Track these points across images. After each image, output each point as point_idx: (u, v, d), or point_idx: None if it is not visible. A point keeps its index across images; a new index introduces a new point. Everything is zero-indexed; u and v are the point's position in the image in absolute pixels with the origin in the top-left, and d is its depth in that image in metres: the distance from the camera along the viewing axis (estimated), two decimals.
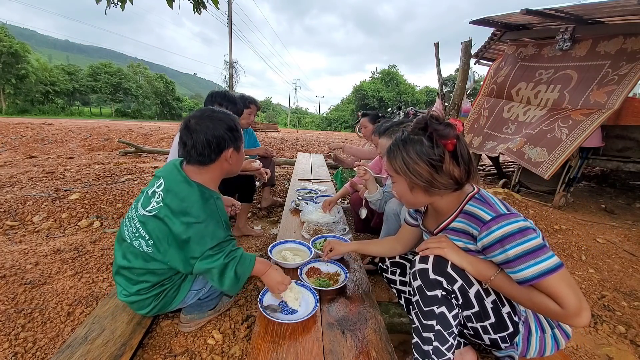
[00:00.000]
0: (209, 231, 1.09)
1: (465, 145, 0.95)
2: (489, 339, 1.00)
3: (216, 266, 1.09)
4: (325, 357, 0.94)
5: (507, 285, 0.90)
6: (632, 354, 1.40)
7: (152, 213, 1.12)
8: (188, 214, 1.08)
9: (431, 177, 0.92)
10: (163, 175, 1.19)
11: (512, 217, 0.87)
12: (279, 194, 3.54)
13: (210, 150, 1.16)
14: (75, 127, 9.44)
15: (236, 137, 1.22)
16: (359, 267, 1.51)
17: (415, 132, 0.96)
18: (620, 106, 2.91)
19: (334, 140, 10.46)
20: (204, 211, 1.10)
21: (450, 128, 0.91)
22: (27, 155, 5.48)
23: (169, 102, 45.90)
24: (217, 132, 1.16)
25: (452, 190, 0.97)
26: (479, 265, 0.94)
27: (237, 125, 1.24)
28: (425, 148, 0.92)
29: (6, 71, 29.72)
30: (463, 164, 0.93)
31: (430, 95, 37.15)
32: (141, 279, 1.17)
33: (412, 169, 0.93)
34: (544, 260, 0.81)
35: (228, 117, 1.23)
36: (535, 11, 3.13)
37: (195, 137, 1.14)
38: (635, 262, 2.26)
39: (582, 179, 4.94)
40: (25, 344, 1.27)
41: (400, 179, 1.00)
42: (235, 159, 1.24)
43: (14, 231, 2.26)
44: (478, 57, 5.17)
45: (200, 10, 3.42)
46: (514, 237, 0.83)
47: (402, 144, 0.97)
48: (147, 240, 1.13)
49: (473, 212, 0.93)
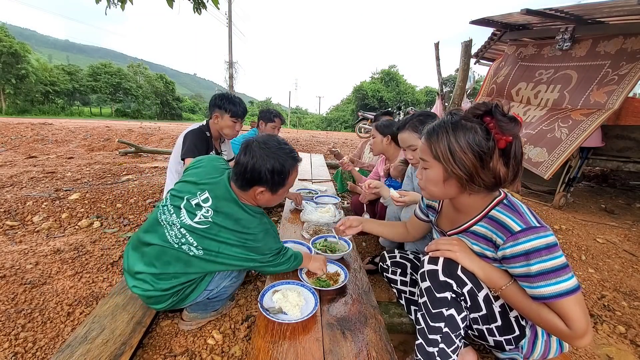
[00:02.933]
0: (268, 246, 1.20)
1: (521, 145, 0.87)
2: (493, 340, 0.99)
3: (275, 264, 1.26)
4: (325, 357, 0.94)
5: (518, 297, 0.87)
6: (632, 354, 1.40)
7: (203, 226, 1.16)
8: (246, 234, 1.17)
9: (475, 171, 0.85)
10: (209, 189, 1.20)
11: (541, 231, 0.82)
12: None
13: (244, 179, 1.18)
14: (75, 127, 9.44)
15: (275, 181, 1.19)
16: (359, 267, 1.51)
17: (469, 118, 0.87)
18: (620, 106, 2.90)
19: (334, 139, 10.45)
20: (260, 229, 1.19)
21: (515, 124, 0.83)
22: (27, 155, 5.48)
23: (169, 102, 45.87)
24: (260, 166, 1.15)
25: (488, 190, 0.90)
26: (491, 273, 0.90)
27: (284, 169, 1.19)
28: (479, 138, 0.83)
29: (6, 71, 29.71)
30: (514, 164, 0.86)
31: (430, 95, 37.12)
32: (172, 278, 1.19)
33: (458, 157, 0.85)
34: (564, 280, 0.79)
35: (281, 157, 1.18)
36: (535, 11, 3.13)
37: (244, 159, 1.17)
38: (635, 262, 2.26)
39: (582, 179, 4.94)
40: (25, 344, 1.27)
41: (436, 165, 0.90)
42: (267, 198, 1.24)
43: (14, 231, 2.26)
44: (478, 57, 5.17)
45: (200, 10, 3.42)
46: (540, 253, 0.80)
47: (451, 128, 0.86)
48: (196, 246, 1.17)
49: (500, 220, 0.87)
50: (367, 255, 2.20)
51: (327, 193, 2.63)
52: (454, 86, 4.24)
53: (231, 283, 1.34)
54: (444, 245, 0.96)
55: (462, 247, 0.95)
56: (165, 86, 45.31)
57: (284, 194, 1.29)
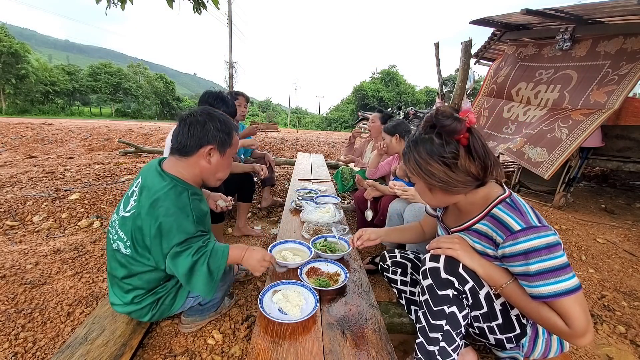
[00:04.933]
0: (177, 225, 1.03)
1: (480, 137, 0.89)
2: (494, 338, 0.99)
3: (185, 265, 1.02)
4: (325, 357, 0.94)
5: (518, 295, 0.87)
6: (632, 354, 1.40)
7: (130, 213, 1.11)
8: (157, 206, 1.04)
9: (447, 176, 0.88)
10: (141, 174, 1.18)
11: (542, 231, 0.82)
12: (279, 194, 3.54)
13: (191, 139, 1.12)
14: (75, 127, 9.44)
15: (224, 140, 1.17)
16: (359, 267, 1.51)
17: (425, 130, 0.92)
18: (620, 106, 2.90)
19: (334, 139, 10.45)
20: (173, 203, 1.05)
21: (458, 122, 0.85)
22: (27, 155, 5.48)
23: (169, 102, 45.90)
24: (205, 126, 1.13)
25: (473, 188, 0.92)
26: (492, 271, 0.91)
27: (231, 129, 1.19)
28: (436, 147, 0.87)
29: (6, 71, 29.74)
30: (478, 158, 0.87)
31: (430, 95, 37.14)
32: (131, 285, 1.15)
33: (425, 169, 0.90)
34: (564, 280, 0.79)
35: (226, 120, 1.20)
36: (535, 11, 3.12)
37: (184, 126, 1.14)
38: (635, 262, 2.26)
39: (582, 179, 4.94)
40: (25, 344, 1.27)
41: (417, 179, 0.96)
42: (217, 161, 1.17)
43: (14, 231, 2.26)
44: (478, 57, 5.17)
45: (201, 10, 3.42)
46: (539, 253, 0.80)
47: (413, 145, 0.93)
48: (125, 241, 1.11)
49: (501, 218, 0.88)
50: (367, 255, 2.20)
51: (327, 193, 2.63)
52: (454, 86, 4.24)
53: (219, 286, 1.32)
54: (445, 244, 0.97)
55: (463, 245, 0.95)
56: (165, 86, 45.34)
57: (230, 159, 1.24)
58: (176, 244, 1.03)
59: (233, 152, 1.24)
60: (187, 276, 1.04)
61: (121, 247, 1.12)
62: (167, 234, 1.03)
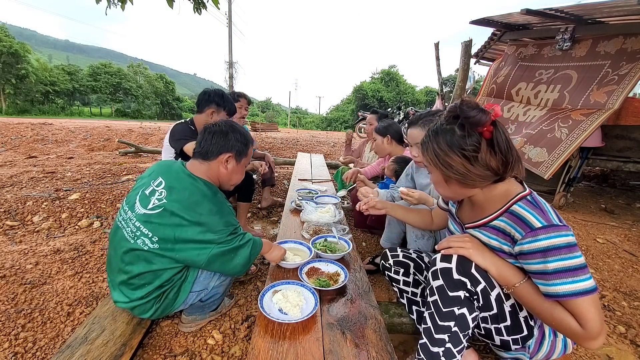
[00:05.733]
0: (224, 221, 1.18)
1: (504, 132, 0.87)
2: (500, 339, 0.98)
3: (234, 248, 1.18)
4: (325, 357, 0.94)
5: (531, 295, 0.86)
6: (632, 354, 1.40)
7: (156, 211, 1.14)
8: (200, 206, 1.15)
9: (465, 169, 0.86)
10: (161, 173, 1.23)
11: (562, 230, 0.80)
12: (279, 194, 3.54)
13: (213, 146, 1.27)
14: (75, 127, 9.44)
15: (241, 150, 1.33)
16: (359, 267, 1.51)
17: (448, 121, 0.90)
18: (620, 106, 2.90)
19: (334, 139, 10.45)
20: (214, 204, 1.19)
21: (484, 114, 0.83)
22: (27, 155, 5.48)
23: (169, 102, 45.88)
24: (227, 135, 1.30)
25: (491, 183, 0.90)
26: (504, 270, 0.89)
27: (248, 142, 1.36)
28: (457, 138, 0.86)
29: (6, 71, 29.73)
30: (500, 153, 0.85)
31: (430, 95, 37.12)
32: (143, 282, 1.16)
33: (443, 161, 0.88)
34: (581, 280, 0.77)
35: (246, 133, 1.36)
36: (535, 11, 3.12)
37: (208, 134, 1.30)
38: (635, 262, 2.26)
39: (582, 179, 4.94)
40: (25, 344, 1.27)
41: (434, 170, 0.94)
42: (232, 168, 1.32)
43: (14, 231, 2.26)
44: (478, 57, 5.17)
45: (201, 10, 3.42)
46: (559, 251, 0.78)
47: (433, 135, 0.91)
48: (151, 237, 1.14)
49: (521, 215, 0.86)
50: (367, 255, 2.20)
51: (327, 193, 2.63)
52: (454, 86, 4.24)
53: (220, 282, 1.32)
54: (456, 243, 0.95)
55: (474, 244, 0.94)
56: (165, 86, 45.33)
57: (244, 168, 1.40)
58: (227, 235, 1.17)
59: (247, 161, 1.40)
60: (233, 257, 1.19)
61: (147, 242, 1.14)
62: (217, 227, 1.15)
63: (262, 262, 2.03)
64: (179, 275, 1.22)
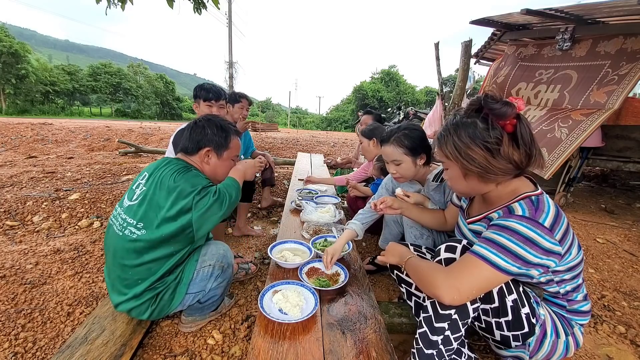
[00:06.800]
0: (190, 182, 1.17)
1: (528, 125, 0.87)
2: (500, 335, 0.97)
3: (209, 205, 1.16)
4: (325, 357, 0.94)
5: (418, 262, 1.00)
6: (632, 354, 1.40)
7: (137, 199, 1.18)
8: (170, 178, 1.17)
9: (487, 162, 0.86)
10: (147, 170, 1.27)
11: (539, 228, 0.81)
12: (279, 194, 3.54)
13: (191, 142, 1.30)
14: (75, 127, 9.44)
15: (220, 143, 1.32)
16: (359, 267, 1.51)
17: (468, 114, 0.90)
18: (620, 106, 2.90)
19: (334, 139, 10.46)
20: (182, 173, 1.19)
21: (509, 107, 0.83)
22: (27, 155, 5.48)
23: (169, 102, 45.90)
24: (203, 129, 1.30)
25: (511, 177, 0.91)
26: (401, 252, 1.10)
27: (228, 134, 1.34)
28: (480, 130, 0.86)
29: (6, 71, 29.75)
30: (524, 145, 0.85)
31: (430, 95, 37.14)
32: (136, 277, 1.16)
33: (465, 154, 0.88)
34: (499, 257, 0.81)
35: (224, 125, 1.34)
36: (535, 11, 3.12)
37: (187, 130, 1.32)
38: (635, 262, 2.26)
39: (582, 179, 4.93)
40: (25, 344, 1.27)
41: (452, 165, 0.94)
42: (215, 162, 1.32)
43: (14, 231, 2.26)
44: (478, 57, 5.17)
45: (201, 10, 3.42)
46: (515, 235, 0.81)
47: (453, 128, 0.90)
48: (136, 224, 1.15)
49: (512, 207, 0.88)
50: (367, 255, 2.20)
51: (327, 193, 2.63)
52: (454, 86, 4.24)
53: (218, 284, 1.30)
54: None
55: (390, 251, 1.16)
56: (165, 86, 45.34)
57: (228, 161, 1.37)
58: (196, 194, 1.15)
59: (231, 154, 1.37)
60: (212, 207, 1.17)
61: (134, 230, 1.15)
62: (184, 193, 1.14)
63: (262, 262, 2.03)
64: (173, 277, 1.21)
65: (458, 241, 0.98)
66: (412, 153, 1.46)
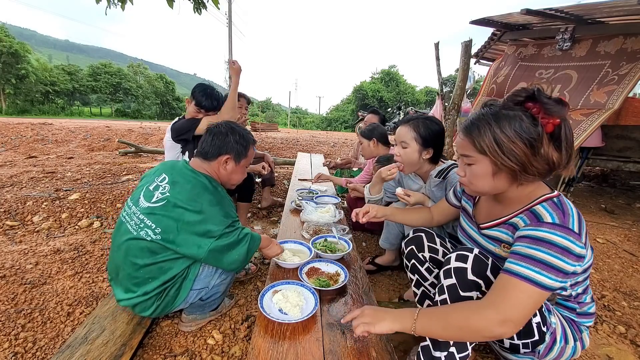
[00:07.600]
0: (224, 212, 1.20)
1: (569, 126, 0.81)
2: (510, 343, 0.93)
3: (233, 242, 1.19)
4: (325, 357, 0.94)
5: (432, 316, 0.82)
6: (632, 354, 1.40)
7: (160, 204, 1.17)
8: (201, 197, 1.18)
9: (527, 160, 0.80)
10: (165, 170, 1.27)
11: (571, 235, 0.74)
12: (279, 194, 3.54)
13: (212, 148, 1.31)
14: (75, 127, 9.44)
15: (240, 152, 1.35)
16: (359, 267, 1.51)
17: (507, 106, 0.83)
18: (620, 106, 2.90)
19: (334, 139, 10.46)
20: (215, 196, 1.22)
21: (562, 105, 0.78)
22: (27, 155, 5.48)
23: (169, 102, 45.91)
24: (226, 137, 1.32)
25: (541, 178, 0.86)
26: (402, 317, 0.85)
27: (248, 143, 1.38)
28: (525, 125, 0.79)
29: (6, 71, 29.77)
30: (566, 147, 0.80)
31: (430, 95, 37.16)
32: (148, 276, 1.17)
33: (507, 148, 0.80)
34: (542, 274, 0.73)
35: (245, 134, 1.38)
36: (535, 11, 3.12)
37: (209, 135, 1.34)
38: (635, 262, 2.26)
39: (582, 179, 4.94)
40: (25, 344, 1.27)
41: (482, 159, 0.86)
42: (232, 169, 1.35)
43: (14, 231, 2.26)
44: (478, 57, 5.17)
45: (201, 10, 3.42)
46: (552, 247, 0.74)
47: (493, 119, 0.82)
48: (154, 229, 1.15)
49: (538, 212, 0.82)
50: (367, 255, 2.20)
51: (327, 193, 2.63)
52: (454, 86, 4.24)
53: (221, 281, 1.32)
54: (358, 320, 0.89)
55: (372, 315, 0.88)
56: (165, 86, 45.36)
57: (244, 168, 1.42)
58: (225, 227, 1.18)
59: (248, 162, 1.42)
60: (230, 251, 1.19)
61: (150, 233, 1.16)
62: (216, 220, 1.17)
63: (262, 262, 2.03)
64: (181, 272, 1.22)
65: (469, 250, 0.91)
66: (422, 142, 1.45)
